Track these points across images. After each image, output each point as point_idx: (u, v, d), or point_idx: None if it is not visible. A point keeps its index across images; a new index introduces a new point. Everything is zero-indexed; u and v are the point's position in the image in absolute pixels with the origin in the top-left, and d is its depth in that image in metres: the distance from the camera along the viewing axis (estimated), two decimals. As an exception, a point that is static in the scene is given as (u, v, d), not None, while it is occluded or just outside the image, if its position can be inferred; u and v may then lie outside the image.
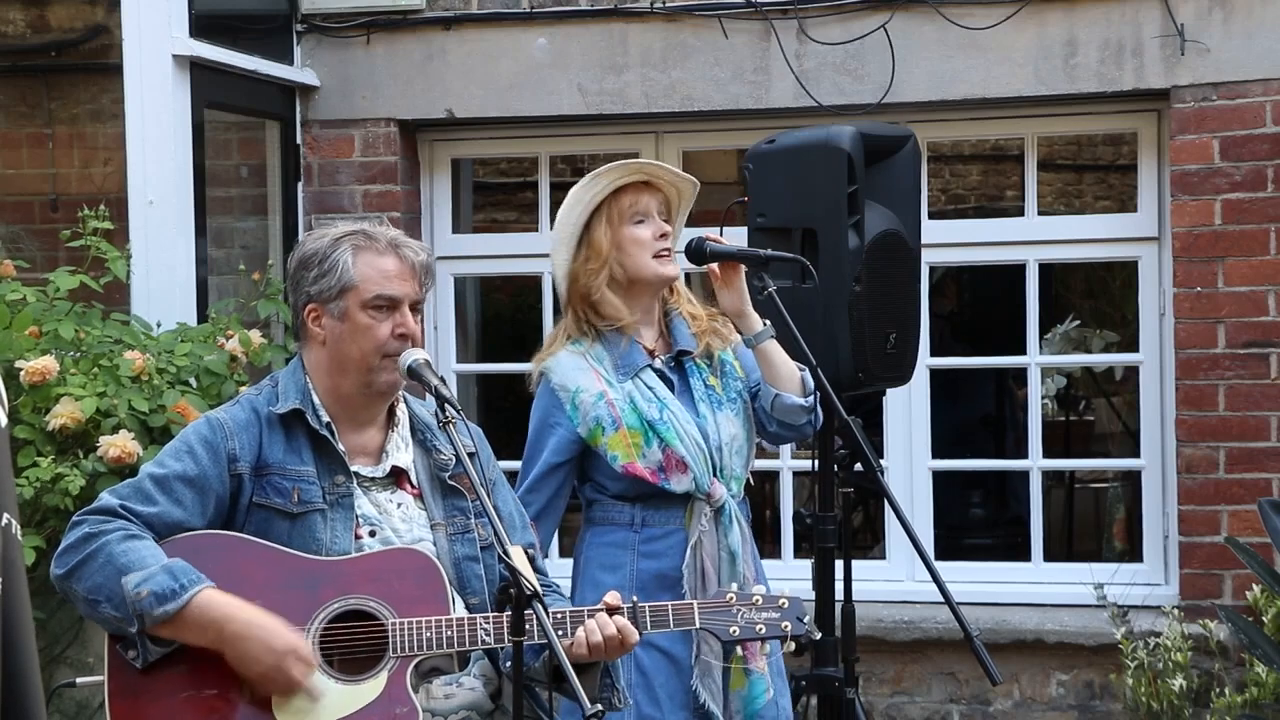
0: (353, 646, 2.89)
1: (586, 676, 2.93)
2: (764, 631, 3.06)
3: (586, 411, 3.61)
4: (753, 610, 3.06)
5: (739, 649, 3.65)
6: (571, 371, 3.65)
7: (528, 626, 2.73)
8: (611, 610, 2.96)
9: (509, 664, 2.88)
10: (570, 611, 2.97)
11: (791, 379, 3.70)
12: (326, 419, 3.04)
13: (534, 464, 3.68)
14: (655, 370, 3.69)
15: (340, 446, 3.03)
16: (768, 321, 3.68)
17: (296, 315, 3.13)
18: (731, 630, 3.06)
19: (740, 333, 3.73)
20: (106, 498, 2.96)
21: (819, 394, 3.52)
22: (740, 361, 3.78)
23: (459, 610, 2.99)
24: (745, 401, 3.74)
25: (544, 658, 2.95)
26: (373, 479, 3.07)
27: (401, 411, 3.16)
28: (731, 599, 3.07)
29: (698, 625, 3.06)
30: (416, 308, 3.08)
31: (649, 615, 3.01)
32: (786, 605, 3.07)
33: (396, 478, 3.09)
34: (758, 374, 3.73)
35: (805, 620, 3.09)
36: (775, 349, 3.70)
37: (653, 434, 3.59)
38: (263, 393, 3.10)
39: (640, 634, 2.99)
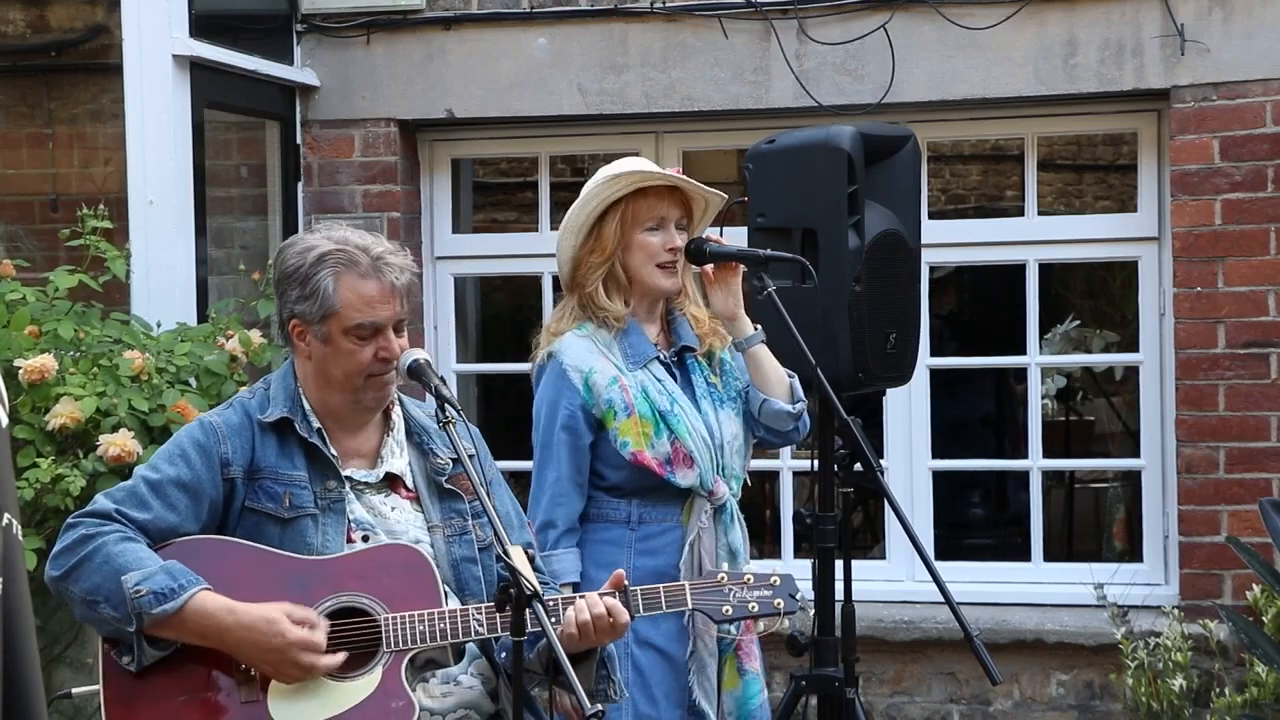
0: (346, 643, 2.89)
1: (582, 668, 2.93)
2: (757, 609, 3.04)
3: (600, 394, 3.59)
4: (745, 589, 3.04)
5: (735, 648, 3.65)
6: (583, 354, 3.62)
7: (530, 628, 2.73)
8: (610, 589, 2.96)
9: (504, 655, 2.88)
10: (562, 598, 2.98)
11: (780, 384, 3.71)
12: (317, 425, 3.03)
13: (551, 441, 3.62)
14: (662, 363, 3.69)
15: (332, 451, 3.02)
16: (759, 326, 3.68)
17: (282, 326, 3.09)
18: (725, 610, 3.04)
19: (731, 336, 3.73)
20: (102, 500, 2.95)
21: (820, 394, 3.52)
22: (736, 362, 3.78)
23: (453, 604, 2.99)
24: (744, 401, 3.74)
25: (538, 649, 2.94)
26: (366, 483, 3.06)
27: (397, 415, 3.14)
28: (723, 579, 3.05)
29: (690, 606, 3.04)
30: (400, 327, 3.05)
31: (641, 598, 2.99)
32: (779, 583, 3.05)
33: (391, 482, 3.08)
34: (747, 377, 3.73)
35: (798, 597, 3.07)
36: (765, 354, 3.70)
37: (663, 425, 3.58)
38: (255, 396, 3.09)
39: (632, 616, 2.97)
